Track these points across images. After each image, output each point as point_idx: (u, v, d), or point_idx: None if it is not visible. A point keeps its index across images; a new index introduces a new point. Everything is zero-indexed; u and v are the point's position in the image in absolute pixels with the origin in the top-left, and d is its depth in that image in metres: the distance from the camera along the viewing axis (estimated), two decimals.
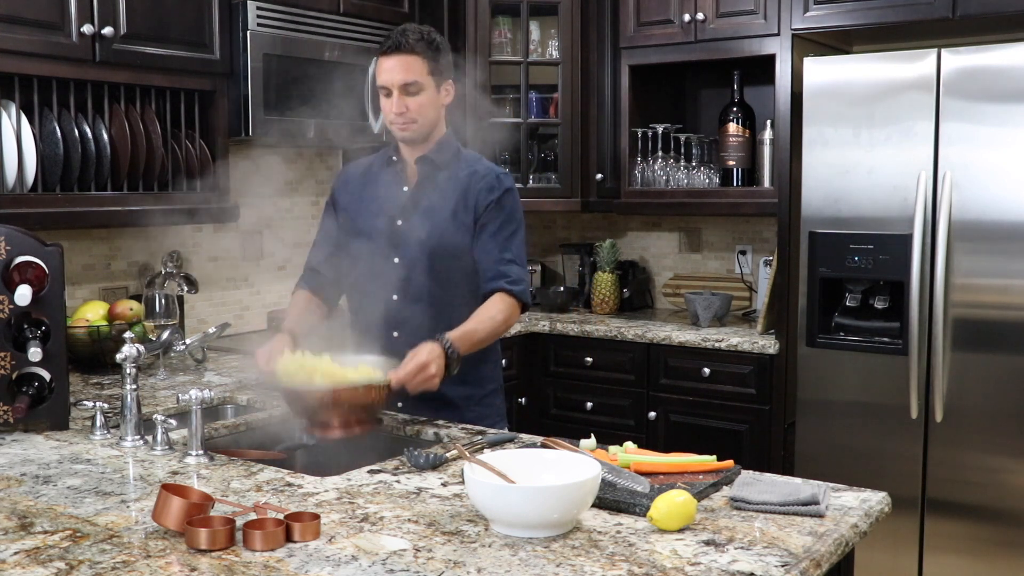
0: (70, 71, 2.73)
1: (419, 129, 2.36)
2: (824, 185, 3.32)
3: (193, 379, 2.80)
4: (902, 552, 3.23)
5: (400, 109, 2.32)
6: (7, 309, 2.12)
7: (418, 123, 2.34)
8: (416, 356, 2.13)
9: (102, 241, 3.25)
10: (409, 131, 2.35)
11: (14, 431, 2.16)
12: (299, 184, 3.94)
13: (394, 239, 2.40)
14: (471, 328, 2.27)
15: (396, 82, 2.30)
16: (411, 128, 2.34)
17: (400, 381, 2.11)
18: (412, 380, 2.11)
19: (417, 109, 2.33)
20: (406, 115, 2.32)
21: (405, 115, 2.32)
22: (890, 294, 3.26)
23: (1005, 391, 3.06)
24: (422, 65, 2.31)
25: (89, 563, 1.40)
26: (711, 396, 3.63)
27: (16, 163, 2.63)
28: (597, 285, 4.23)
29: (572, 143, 4.12)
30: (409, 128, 2.34)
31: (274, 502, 1.66)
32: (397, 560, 1.42)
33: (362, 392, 2.10)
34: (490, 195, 2.38)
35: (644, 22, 3.89)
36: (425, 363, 2.12)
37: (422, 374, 2.11)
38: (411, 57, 2.30)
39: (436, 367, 2.13)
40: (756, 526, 1.56)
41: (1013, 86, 3.00)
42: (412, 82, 2.30)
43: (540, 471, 1.63)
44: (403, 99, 2.31)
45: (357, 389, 2.10)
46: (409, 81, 2.30)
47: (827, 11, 3.44)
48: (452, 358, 2.17)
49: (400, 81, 2.30)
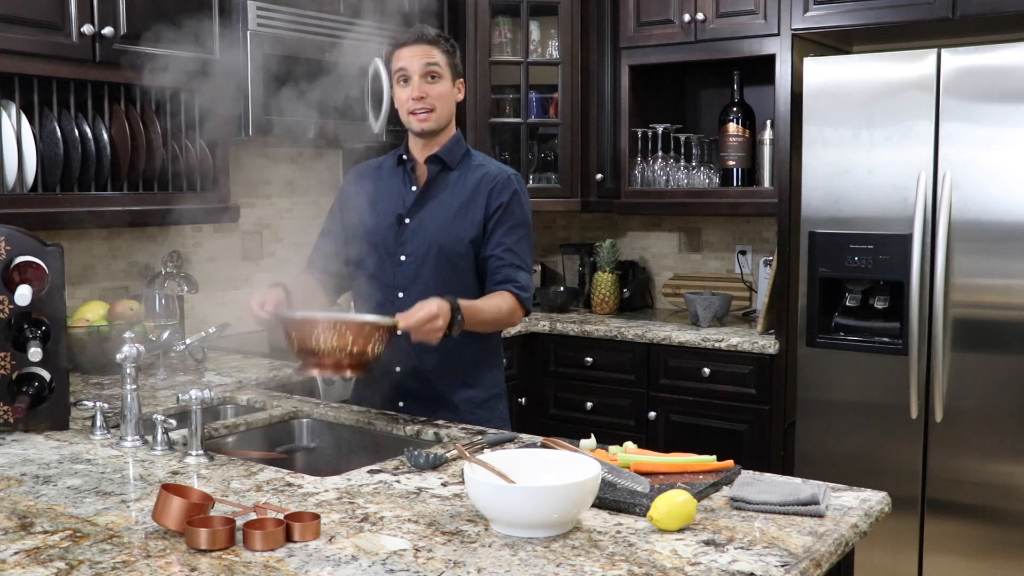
0: (70, 71, 2.73)
1: (437, 119, 2.35)
2: (824, 185, 3.32)
3: (193, 379, 2.80)
4: (902, 552, 3.23)
5: (420, 93, 2.31)
6: (7, 309, 2.12)
7: (436, 112, 2.34)
8: (426, 306, 2.10)
9: (102, 241, 3.25)
10: (428, 121, 2.34)
11: (14, 431, 2.16)
12: (299, 184, 3.94)
13: (402, 237, 2.40)
14: (479, 306, 2.25)
15: (417, 67, 2.31)
16: (430, 118, 2.34)
17: (407, 326, 2.09)
18: (419, 327, 2.09)
19: (437, 96, 2.33)
20: (426, 101, 2.32)
21: (425, 101, 2.31)
22: (890, 294, 3.26)
23: (1005, 391, 3.06)
24: (442, 56, 2.34)
25: (89, 563, 1.40)
26: (711, 396, 3.63)
27: (16, 163, 2.63)
28: (597, 285, 4.23)
29: (572, 143, 4.12)
30: (428, 118, 2.34)
31: (274, 502, 1.66)
32: (397, 560, 1.42)
33: (367, 329, 2.08)
34: (501, 197, 2.38)
35: (644, 22, 3.89)
36: (435, 314, 2.09)
37: (430, 324, 2.09)
38: (432, 47, 2.32)
39: (443, 321, 2.11)
40: (756, 526, 1.56)
41: (1013, 86, 3.00)
42: (434, 63, 2.31)
43: (540, 471, 1.63)
44: (423, 85, 2.32)
45: (362, 325, 2.08)
46: (432, 61, 2.31)
47: (827, 11, 3.44)
48: (456, 320, 2.15)
49: (422, 64, 2.31)
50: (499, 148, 4.18)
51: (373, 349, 2.12)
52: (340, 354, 2.07)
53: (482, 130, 4.06)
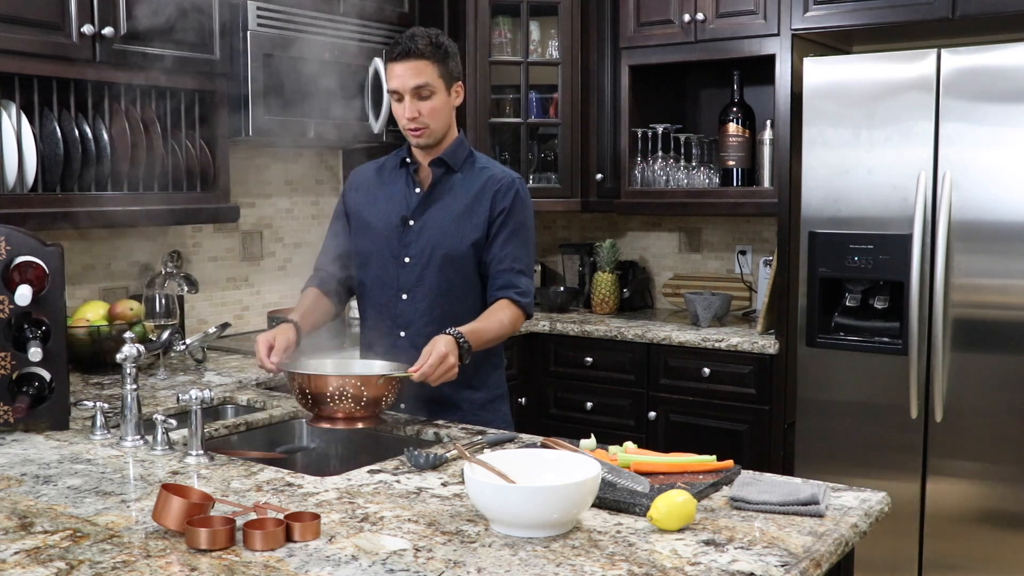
0: (70, 71, 2.73)
1: (432, 134, 2.36)
2: (824, 185, 3.32)
3: (193, 379, 2.80)
4: (902, 552, 3.23)
5: (412, 114, 2.32)
6: (7, 309, 2.12)
7: (431, 128, 2.34)
8: (435, 348, 2.13)
9: (102, 241, 3.25)
10: (424, 137, 2.35)
11: (14, 431, 2.16)
12: (299, 184, 3.94)
13: (406, 239, 2.40)
14: (480, 327, 2.27)
15: (407, 87, 2.30)
16: (425, 134, 2.35)
17: (423, 375, 2.11)
18: (434, 372, 2.11)
19: (429, 113, 2.33)
20: (419, 120, 2.32)
21: (418, 120, 2.32)
22: (890, 294, 3.26)
23: (1005, 391, 3.06)
24: (432, 69, 2.31)
25: (89, 563, 1.40)
26: (711, 396, 3.63)
27: (16, 163, 2.63)
28: (597, 285, 4.23)
29: (572, 143, 4.12)
30: (423, 134, 2.35)
31: (274, 502, 1.67)
32: (397, 560, 1.42)
33: (380, 381, 2.09)
34: (504, 200, 2.38)
35: (644, 22, 3.89)
36: (444, 354, 2.12)
37: (443, 365, 2.12)
38: (421, 62, 2.30)
39: (454, 357, 2.14)
40: (756, 526, 1.57)
41: (1013, 86, 3.00)
42: (423, 84, 2.30)
43: (540, 471, 1.63)
44: (415, 104, 2.31)
45: (374, 378, 2.09)
46: (421, 84, 2.30)
47: (827, 11, 3.44)
48: (464, 350, 2.18)
49: (411, 85, 2.30)
50: (499, 148, 4.18)
51: (386, 400, 2.14)
52: (353, 407, 2.09)
53: (482, 130, 4.05)
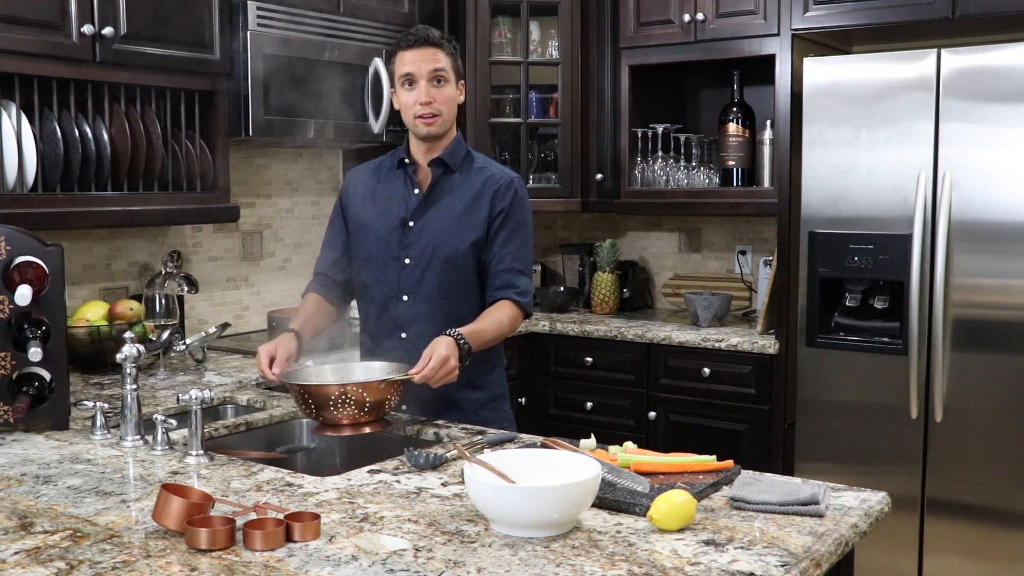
0: (70, 71, 2.73)
1: (443, 123, 2.36)
2: (824, 185, 3.32)
3: (193, 379, 2.80)
4: (902, 552, 3.23)
5: (427, 98, 2.31)
6: (7, 309, 2.12)
7: (443, 115, 2.34)
8: (435, 351, 2.12)
9: (102, 241, 3.25)
10: (434, 124, 2.34)
11: (14, 431, 2.16)
12: (299, 184, 3.94)
13: (405, 240, 2.39)
14: (480, 328, 2.27)
15: (424, 71, 2.31)
16: (436, 122, 2.34)
17: (425, 377, 2.11)
18: (435, 375, 2.11)
19: (443, 100, 2.33)
20: (433, 105, 2.32)
21: (432, 105, 2.32)
22: (890, 294, 3.26)
23: (1005, 391, 3.06)
24: (447, 59, 2.34)
25: (89, 563, 1.40)
26: (711, 396, 3.63)
27: (16, 163, 2.63)
28: (597, 285, 4.23)
29: (572, 143, 4.12)
30: (435, 122, 2.34)
31: (274, 502, 1.67)
32: (397, 560, 1.42)
33: (381, 387, 2.10)
34: (504, 200, 2.38)
35: (644, 22, 3.89)
36: (445, 356, 2.12)
37: (444, 368, 2.12)
38: (437, 50, 2.32)
39: (455, 360, 2.14)
40: (756, 526, 1.57)
41: (1013, 86, 3.00)
42: (440, 68, 2.31)
43: (540, 471, 1.63)
44: (431, 89, 2.32)
45: (375, 384, 2.09)
46: (438, 67, 2.31)
47: (827, 11, 3.44)
48: (464, 351, 2.18)
49: (428, 69, 2.30)
50: (499, 148, 4.18)
51: (389, 404, 2.14)
52: (356, 413, 2.09)
53: (482, 130, 4.05)
